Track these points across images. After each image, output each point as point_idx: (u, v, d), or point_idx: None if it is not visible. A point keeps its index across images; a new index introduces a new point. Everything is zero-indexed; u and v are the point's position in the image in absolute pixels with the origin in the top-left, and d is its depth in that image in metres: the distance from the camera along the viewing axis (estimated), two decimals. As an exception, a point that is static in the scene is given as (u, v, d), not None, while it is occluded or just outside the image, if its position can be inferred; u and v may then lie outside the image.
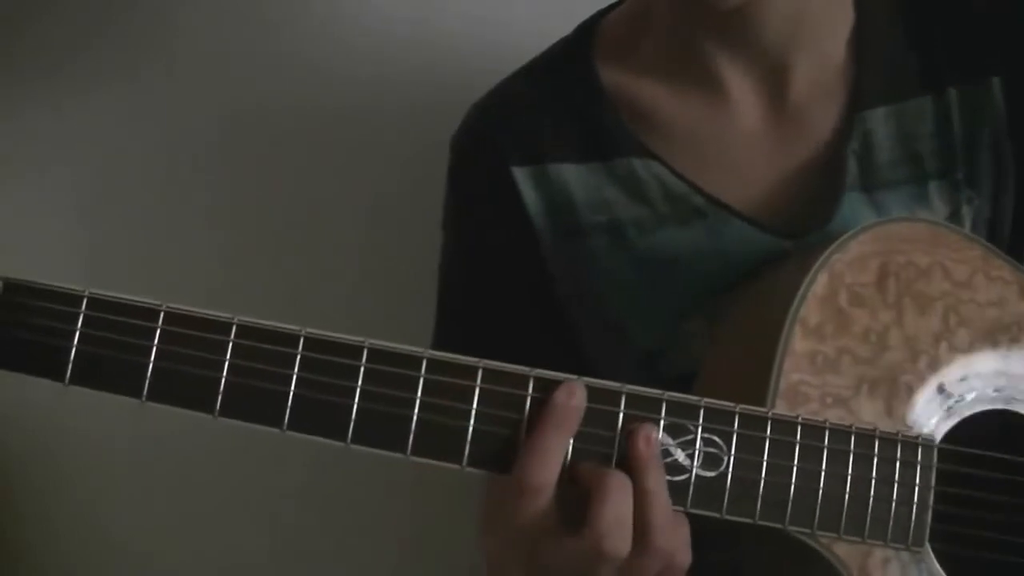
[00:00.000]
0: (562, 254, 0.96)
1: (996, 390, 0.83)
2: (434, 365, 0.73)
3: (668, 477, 0.75)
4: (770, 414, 0.77)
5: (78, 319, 0.71)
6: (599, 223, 0.95)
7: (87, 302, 0.71)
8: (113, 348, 0.71)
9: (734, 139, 0.94)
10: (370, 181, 1.30)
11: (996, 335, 0.83)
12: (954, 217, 0.93)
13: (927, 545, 0.79)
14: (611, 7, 1.02)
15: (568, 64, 0.99)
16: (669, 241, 0.93)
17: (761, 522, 0.76)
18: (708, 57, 0.94)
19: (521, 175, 0.96)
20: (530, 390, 0.74)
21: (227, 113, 1.31)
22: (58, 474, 1.35)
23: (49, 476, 1.36)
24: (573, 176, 0.96)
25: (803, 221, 0.91)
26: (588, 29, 1.00)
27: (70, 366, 0.71)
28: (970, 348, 0.82)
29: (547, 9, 1.13)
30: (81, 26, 1.30)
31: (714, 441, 0.76)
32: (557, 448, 0.73)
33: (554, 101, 0.98)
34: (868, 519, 0.78)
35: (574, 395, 0.74)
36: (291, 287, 1.31)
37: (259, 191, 1.32)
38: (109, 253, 1.33)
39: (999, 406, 0.83)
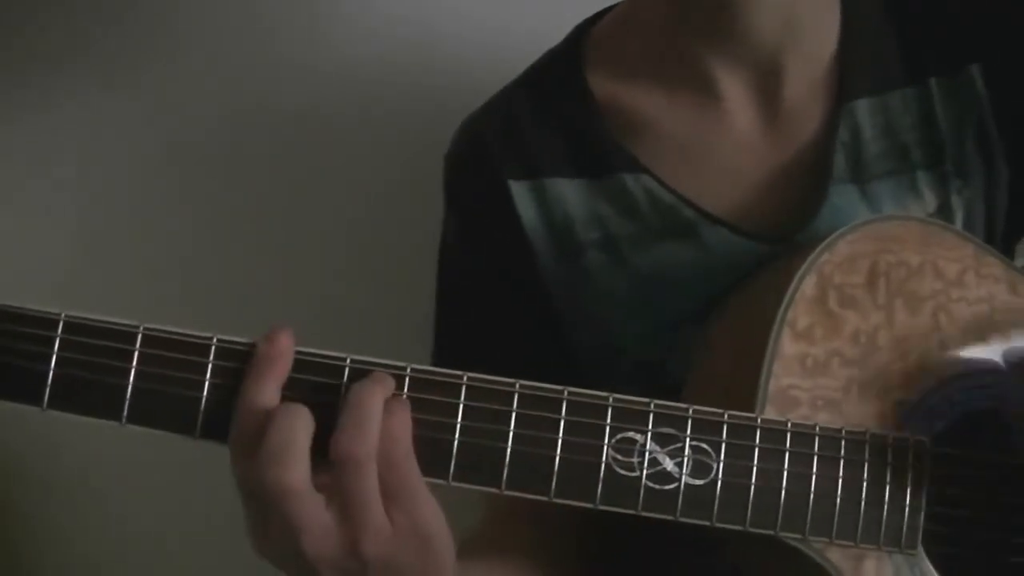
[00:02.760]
0: (558, 269, 0.95)
1: (986, 389, 0.82)
2: (419, 383, 0.72)
3: (657, 486, 0.74)
4: (759, 421, 0.76)
5: (54, 343, 0.70)
6: (594, 239, 0.94)
7: (63, 325, 0.70)
8: (91, 371, 0.70)
9: (727, 144, 0.94)
10: (371, 183, 1.30)
11: (986, 333, 0.82)
12: (944, 208, 0.92)
13: (920, 547, 0.78)
14: (600, 14, 1.01)
15: (559, 75, 0.98)
16: (662, 256, 0.92)
17: (752, 529, 0.75)
18: (701, 60, 0.93)
19: (518, 189, 0.95)
20: (514, 406, 0.73)
21: (227, 114, 1.31)
22: (58, 474, 1.35)
23: (49, 476, 1.36)
24: (569, 191, 0.95)
25: (793, 221, 0.91)
26: (577, 38, 0.99)
27: (47, 390, 0.70)
28: (960, 347, 0.81)
29: (547, 10, 1.12)
30: (81, 26, 1.30)
31: (703, 449, 0.75)
32: (256, 397, 0.70)
33: (547, 114, 0.97)
34: (860, 523, 0.77)
35: (271, 342, 0.71)
36: (290, 288, 1.31)
37: (259, 193, 1.32)
38: (108, 253, 1.33)
39: (990, 405, 0.82)
